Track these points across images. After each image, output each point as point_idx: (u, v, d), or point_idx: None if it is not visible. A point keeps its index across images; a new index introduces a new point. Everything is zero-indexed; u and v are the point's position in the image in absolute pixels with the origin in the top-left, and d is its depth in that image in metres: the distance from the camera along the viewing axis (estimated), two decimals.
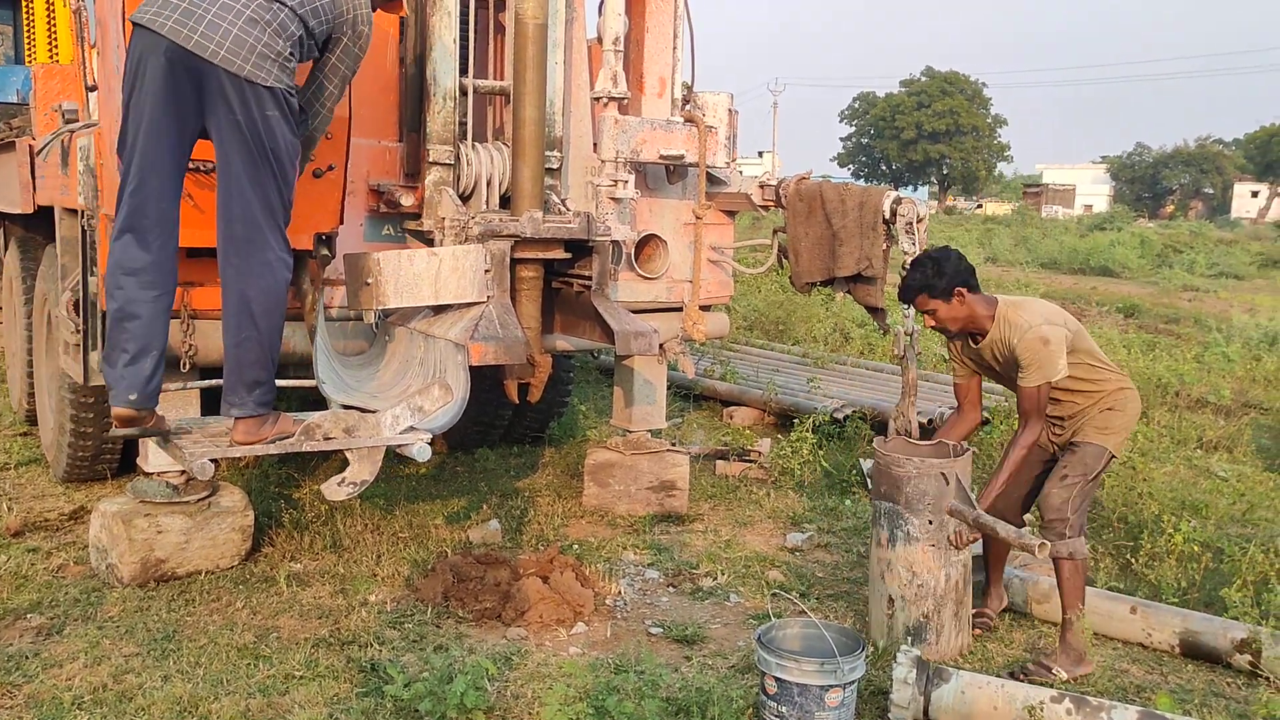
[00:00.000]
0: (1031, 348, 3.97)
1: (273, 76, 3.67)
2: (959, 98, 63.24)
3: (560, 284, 4.99)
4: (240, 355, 3.85)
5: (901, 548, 4.04)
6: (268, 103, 3.67)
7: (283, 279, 3.86)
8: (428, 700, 3.31)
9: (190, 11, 3.59)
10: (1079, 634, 3.91)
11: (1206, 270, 23.67)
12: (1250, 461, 7.15)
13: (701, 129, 5.27)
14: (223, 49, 3.59)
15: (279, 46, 3.70)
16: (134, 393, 3.74)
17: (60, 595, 4.26)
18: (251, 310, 3.80)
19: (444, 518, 5.33)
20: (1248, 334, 12.15)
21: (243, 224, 3.77)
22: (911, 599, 4.04)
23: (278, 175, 3.76)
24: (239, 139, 3.69)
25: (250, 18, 3.65)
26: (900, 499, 4.03)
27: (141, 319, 3.72)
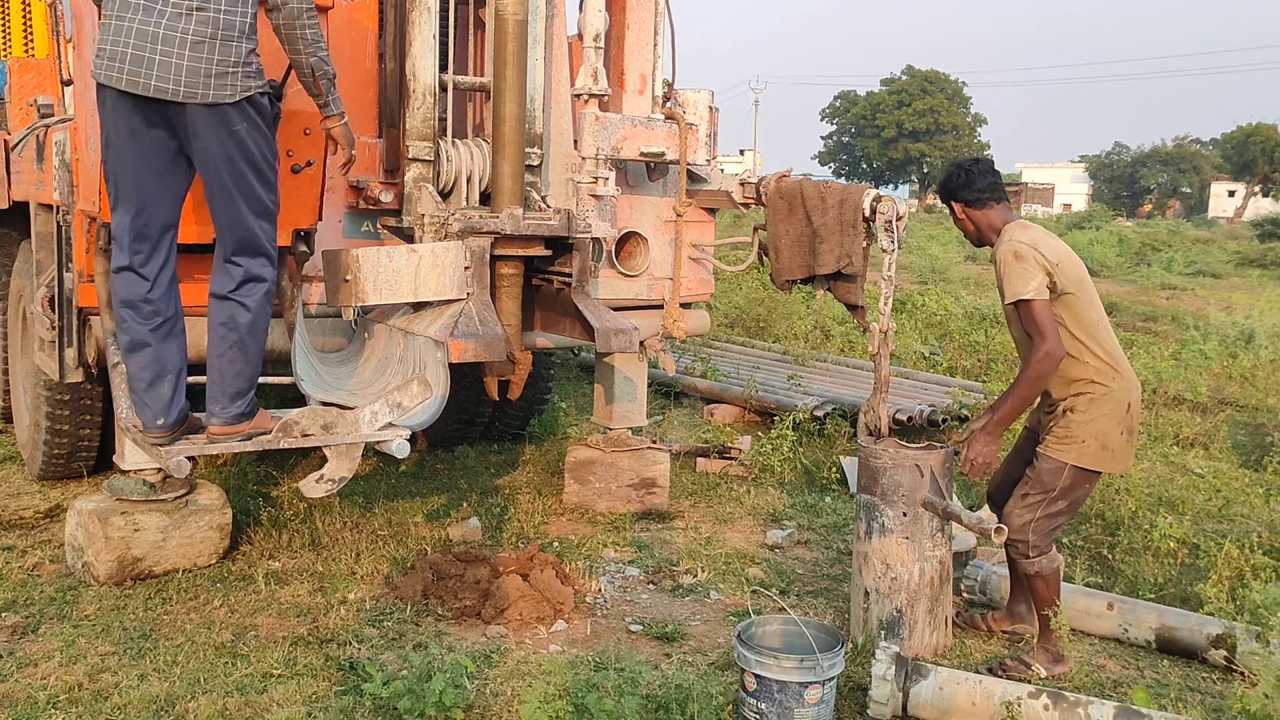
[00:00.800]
0: (1003, 260, 3.80)
1: (238, 89, 3.68)
2: (939, 96, 63.57)
3: (541, 281, 4.98)
4: (223, 366, 3.91)
5: (877, 540, 4.04)
6: (234, 118, 3.69)
7: (264, 293, 3.91)
8: (407, 698, 3.30)
9: (139, 58, 3.59)
10: (1056, 634, 3.91)
11: (1184, 269, 23.87)
12: (1226, 458, 7.21)
13: (682, 126, 5.27)
14: (181, 85, 3.61)
15: (232, 52, 3.67)
16: (161, 417, 3.85)
17: (36, 594, 4.23)
18: (237, 324, 3.86)
19: (424, 515, 5.32)
20: (1224, 332, 12.24)
21: (225, 244, 3.84)
22: (885, 592, 4.04)
23: (255, 187, 3.79)
24: (212, 164, 3.73)
25: (194, 41, 3.62)
26: (877, 491, 4.03)
27: (151, 347, 3.82)
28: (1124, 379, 3.82)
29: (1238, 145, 68.30)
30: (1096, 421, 3.79)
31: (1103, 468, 3.87)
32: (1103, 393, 3.80)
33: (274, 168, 3.88)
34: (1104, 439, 3.80)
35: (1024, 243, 3.81)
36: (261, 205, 3.84)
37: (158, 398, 3.82)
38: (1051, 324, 3.72)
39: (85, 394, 5.11)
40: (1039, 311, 3.72)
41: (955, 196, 4.07)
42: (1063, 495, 3.85)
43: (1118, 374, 3.81)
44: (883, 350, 4.75)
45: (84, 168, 4.23)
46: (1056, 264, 3.79)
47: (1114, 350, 3.85)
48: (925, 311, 11.90)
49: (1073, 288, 3.81)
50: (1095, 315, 3.85)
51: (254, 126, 3.75)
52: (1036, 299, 3.72)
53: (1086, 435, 3.79)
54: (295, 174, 4.23)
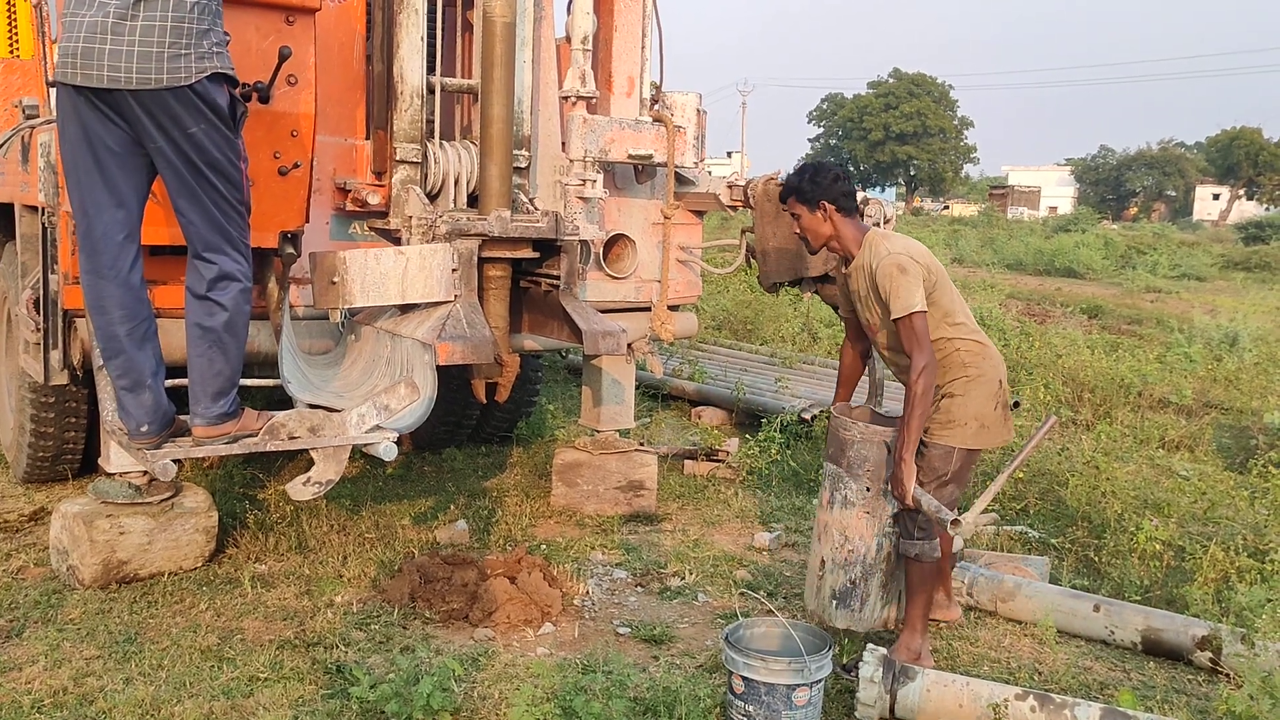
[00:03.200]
0: (888, 274, 3.82)
1: (192, 70, 3.56)
2: (926, 99, 63.77)
3: (528, 283, 4.98)
4: (202, 367, 3.85)
5: (838, 511, 4.03)
6: (187, 121, 3.59)
7: (240, 290, 3.83)
8: (394, 702, 3.29)
9: (89, 50, 3.51)
10: (919, 634, 3.91)
11: (1169, 272, 24.00)
12: (1211, 461, 7.25)
13: (670, 129, 5.28)
14: (133, 72, 3.51)
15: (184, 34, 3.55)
16: (145, 423, 3.80)
17: (20, 597, 4.20)
18: (215, 324, 3.81)
19: (411, 518, 5.31)
20: (1209, 335, 12.31)
21: (194, 242, 3.77)
22: (841, 563, 4.03)
23: (218, 186, 3.71)
24: (169, 163, 3.66)
25: (144, 27, 3.53)
26: (843, 462, 4.03)
27: (126, 353, 3.76)
28: (991, 358, 3.93)
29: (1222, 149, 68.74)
30: (974, 402, 3.89)
31: (984, 445, 3.97)
32: (976, 374, 3.90)
33: (237, 165, 3.77)
34: (982, 418, 3.90)
35: (902, 254, 3.86)
36: (227, 202, 3.74)
37: (140, 404, 3.78)
38: (927, 335, 3.81)
39: (70, 396, 5.08)
40: (920, 325, 3.79)
41: (825, 195, 4.01)
42: (953, 478, 3.92)
43: (985, 354, 3.92)
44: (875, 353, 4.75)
45: None
46: (928, 267, 3.88)
47: (977, 333, 3.96)
48: None
49: (940, 284, 3.91)
50: (957, 304, 3.96)
51: (210, 125, 3.63)
52: (922, 310, 3.79)
53: (966, 417, 3.89)
54: (282, 176, 4.22)
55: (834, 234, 4.03)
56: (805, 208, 4.05)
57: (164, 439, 3.85)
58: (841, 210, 4.00)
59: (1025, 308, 15.60)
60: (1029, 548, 5.33)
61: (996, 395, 3.91)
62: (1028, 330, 11.52)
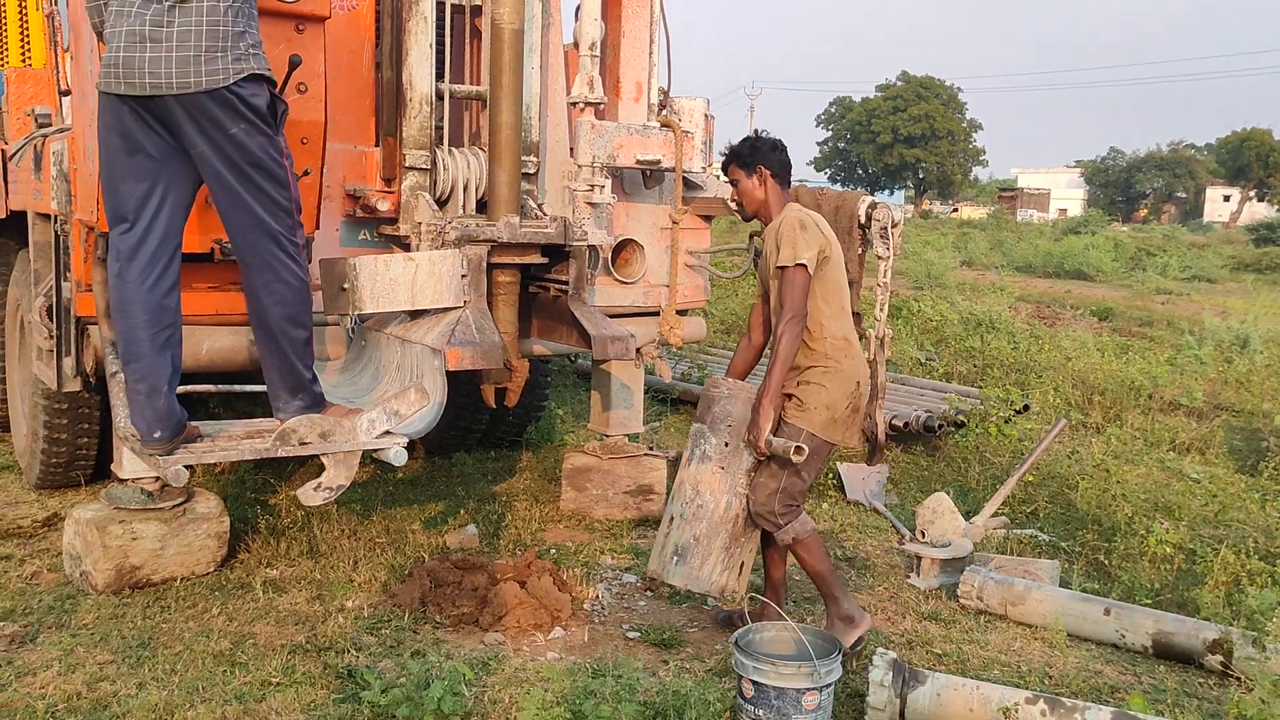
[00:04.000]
0: (790, 226, 3.92)
1: (230, 71, 3.61)
2: (935, 102, 63.63)
3: (537, 288, 4.99)
4: (270, 366, 3.94)
5: (695, 467, 4.06)
6: (228, 122, 3.64)
7: (293, 288, 3.87)
8: (405, 706, 3.31)
9: (129, 59, 3.58)
10: (842, 598, 3.98)
11: (1179, 274, 23.92)
12: (1222, 463, 7.23)
13: (678, 134, 5.29)
14: (172, 77, 3.57)
15: (220, 36, 3.61)
16: (158, 429, 3.82)
17: (34, 603, 4.22)
18: (269, 325, 3.87)
19: (421, 523, 5.32)
20: (1220, 337, 12.28)
21: (239, 246, 3.83)
22: (688, 518, 4.05)
23: (263, 186, 3.75)
24: (211, 167, 3.71)
25: (180, 32, 3.59)
26: (707, 419, 4.07)
27: (146, 359, 3.78)
28: (854, 359, 4.00)
29: (1232, 150, 68.48)
30: (828, 392, 3.95)
31: (831, 438, 3.99)
32: (835, 368, 3.96)
33: (281, 163, 3.81)
34: (833, 410, 3.96)
35: (808, 216, 3.98)
36: (273, 202, 3.78)
37: (154, 410, 3.80)
38: (804, 296, 3.89)
39: (83, 403, 5.11)
40: (799, 279, 3.87)
41: (764, 160, 4.12)
42: (804, 463, 3.90)
43: (849, 353, 3.99)
44: (879, 357, 4.76)
45: (82, 177, 4.24)
46: (831, 242, 3.97)
47: (849, 333, 4.04)
48: (921, 317, 11.92)
49: (834, 267, 3.98)
50: (842, 297, 4.03)
51: (251, 125, 3.68)
52: (806, 267, 3.88)
53: (819, 404, 3.95)
54: None
55: (765, 200, 4.12)
56: (743, 172, 4.15)
57: (175, 445, 3.88)
58: (776, 178, 4.13)
59: (1035, 310, 15.58)
60: (1039, 551, 5.33)
61: (851, 395, 3.98)
62: (1037, 333, 11.51)
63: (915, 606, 4.60)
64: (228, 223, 3.80)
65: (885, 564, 5.13)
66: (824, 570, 4.03)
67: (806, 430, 3.93)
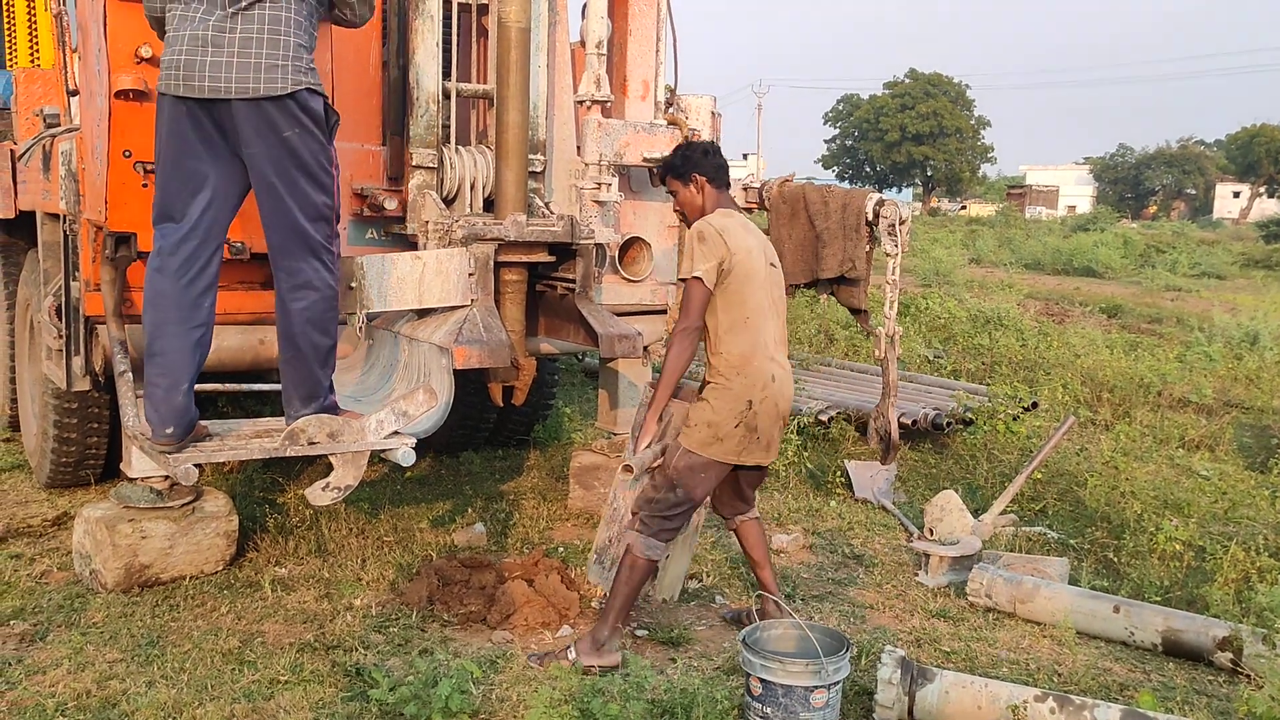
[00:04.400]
0: (691, 237, 3.87)
1: (288, 82, 3.70)
2: (942, 99, 63.49)
3: (544, 287, 4.99)
4: (288, 372, 3.96)
5: (618, 474, 4.16)
6: (282, 124, 3.71)
7: (324, 297, 3.89)
8: (413, 704, 3.31)
9: (191, 63, 3.66)
10: (605, 625, 3.87)
11: (1189, 270, 23.84)
12: (1232, 460, 7.20)
13: (685, 132, 5.29)
14: (232, 82, 3.65)
15: (281, 46, 3.70)
16: (171, 425, 3.84)
17: (44, 601, 4.24)
18: (294, 330, 3.88)
19: (429, 521, 5.33)
20: (1229, 333, 12.23)
21: (275, 249, 3.86)
22: (605, 520, 4.20)
23: (308, 192, 3.79)
24: (260, 170, 3.76)
25: (242, 39, 3.68)
26: (632, 427, 4.15)
27: (171, 354, 3.81)
28: (747, 377, 3.82)
29: (1242, 146, 68.24)
30: (712, 410, 3.84)
31: (716, 456, 3.85)
32: (724, 385, 3.84)
33: (329, 171, 3.87)
34: (716, 428, 3.83)
35: (713, 226, 3.89)
36: (315, 209, 3.82)
37: (170, 406, 3.82)
38: (701, 307, 3.82)
39: (92, 402, 5.12)
40: (696, 293, 3.82)
41: (697, 168, 4.05)
42: (679, 476, 3.85)
43: (744, 372, 3.81)
44: (890, 354, 4.75)
45: (90, 177, 4.25)
46: (734, 253, 3.82)
47: (750, 350, 3.83)
48: (929, 315, 11.90)
49: (738, 280, 3.83)
50: (744, 315, 3.85)
51: (305, 131, 3.75)
52: (702, 281, 3.80)
53: (700, 421, 3.85)
54: None
55: (703, 206, 4.06)
56: (679, 182, 4.11)
57: (185, 444, 3.89)
58: (712, 183, 4.06)
59: (1044, 307, 15.55)
60: (1048, 548, 5.32)
61: (740, 414, 3.81)
62: (1046, 330, 11.49)
63: (923, 604, 4.60)
64: (268, 225, 3.84)
65: (893, 562, 5.12)
66: (625, 593, 3.88)
67: (684, 447, 3.86)
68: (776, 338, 3.95)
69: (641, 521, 3.89)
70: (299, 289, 3.85)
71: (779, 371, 3.90)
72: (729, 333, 3.84)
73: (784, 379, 3.92)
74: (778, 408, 3.90)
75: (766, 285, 3.93)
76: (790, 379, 3.98)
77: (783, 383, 3.91)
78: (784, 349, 4.01)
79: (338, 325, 4.03)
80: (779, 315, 3.99)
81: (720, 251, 3.82)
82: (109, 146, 4.04)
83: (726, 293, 3.84)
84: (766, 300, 3.92)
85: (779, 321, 3.99)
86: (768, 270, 3.96)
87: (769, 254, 4.03)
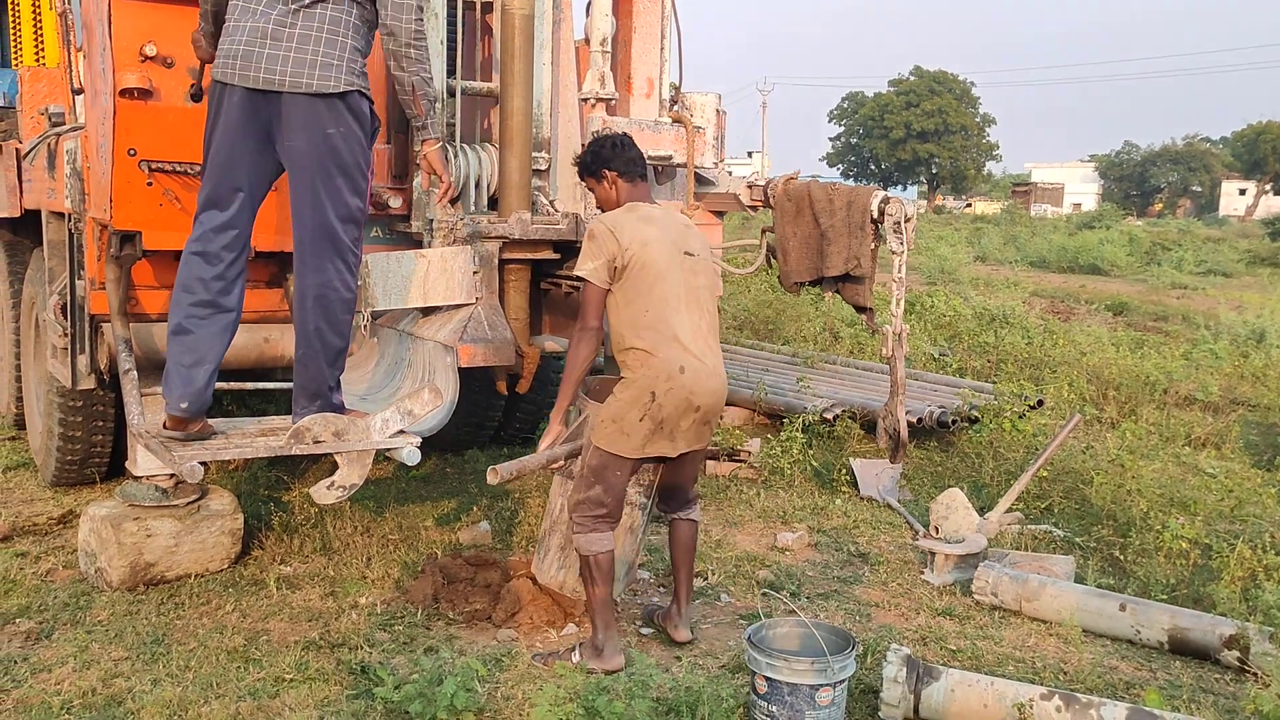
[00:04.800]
0: (585, 236, 3.85)
1: (340, 81, 3.76)
2: (947, 97, 63.37)
3: (549, 285, 4.99)
4: (300, 370, 3.99)
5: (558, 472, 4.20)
6: (328, 121, 3.76)
7: (343, 299, 3.93)
8: (418, 702, 3.31)
9: (249, 54, 3.74)
10: (599, 632, 3.83)
11: (1195, 268, 23.78)
12: (1238, 458, 7.18)
13: (689, 129, 5.28)
14: (286, 75, 3.73)
15: (337, 47, 3.77)
16: (185, 400, 3.87)
17: (49, 599, 4.25)
18: (309, 327, 3.92)
19: (434, 520, 5.33)
20: (1235, 331, 12.20)
21: (302, 245, 3.89)
22: (547, 515, 4.26)
23: (342, 191, 3.83)
24: (297, 164, 3.81)
25: (300, 35, 3.75)
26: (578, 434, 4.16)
27: (195, 334, 3.86)
28: (652, 368, 3.71)
29: (1248, 143, 68.01)
30: (619, 404, 3.76)
31: (616, 449, 3.78)
32: (630, 378, 3.76)
33: (365, 174, 3.91)
34: (620, 422, 3.75)
35: (605, 223, 3.83)
36: (346, 209, 3.86)
37: (191, 380, 3.85)
38: (595, 307, 3.79)
39: (97, 400, 5.13)
40: (588, 294, 3.80)
41: (608, 164, 3.99)
42: (594, 475, 3.81)
43: (647, 364, 3.72)
44: (897, 353, 4.74)
45: (95, 175, 4.25)
46: (627, 248, 3.74)
47: (654, 342, 3.73)
48: (934, 312, 11.88)
49: (634, 274, 3.75)
50: (645, 308, 3.75)
51: (349, 132, 3.81)
52: (591, 281, 3.77)
53: (607, 416, 3.79)
54: None
55: (618, 200, 4.00)
56: (593, 179, 4.06)
57: (194, 427, 3.91)
58: (624, 176, 3.98)
59: (1049, 305, 15.52)
60: (1054, 547, 5.30)
61: (644, 406, 3.72)
62: (1051, 328, 11.46)
63: (929, 602, 4.59)
64: (299, 221, 3.87)
65: (899, 560, 5.12)
66: (597, 596, 3.83)
67: (593, 444, 3.81)
68: (693, 328, 3.80)
69: (577, 522, 3.88)
70: (320, 287, 3.89)
71: (691, 362, 3.74)
72: (631, 328, 3.75)
73: (697, 370, 3.75)
74: (689, 400, 3.75)
75: (678, 274, 3.80)
76: (712, 371, 3.82)
77: (695, 373, 3.75)
78: (705, 339, 3.84)
79: (352, 328, 4.05)
80: (698, 304, 3.84)
81: (609, 249, 3.75)
82: (114, 145, 4.04)
83: (625, 288, 3.76)
84: (678, 290, 3.78)
85: (699, 311, 3.83)
86: (679, 259, 3.82)
87: (683, 242, 3.88)
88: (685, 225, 4.02)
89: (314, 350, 3.94)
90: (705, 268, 3.94)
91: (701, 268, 3.92)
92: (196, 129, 4.02)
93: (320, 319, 3.90)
